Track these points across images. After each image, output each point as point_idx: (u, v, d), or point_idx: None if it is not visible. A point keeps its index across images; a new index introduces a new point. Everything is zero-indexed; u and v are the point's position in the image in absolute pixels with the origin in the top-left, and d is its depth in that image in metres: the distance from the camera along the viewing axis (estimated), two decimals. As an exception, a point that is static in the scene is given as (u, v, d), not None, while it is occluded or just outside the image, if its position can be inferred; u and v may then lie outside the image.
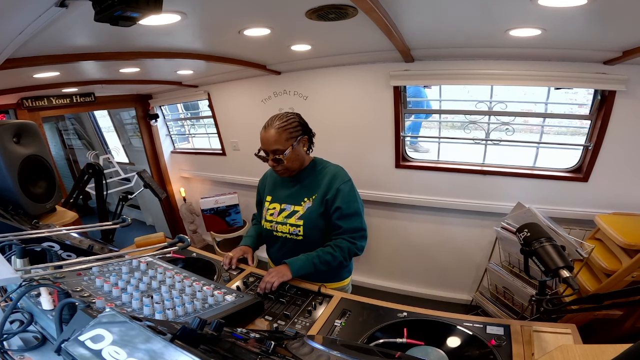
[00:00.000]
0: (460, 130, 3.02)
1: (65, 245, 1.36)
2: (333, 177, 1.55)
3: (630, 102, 2.23)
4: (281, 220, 1.60)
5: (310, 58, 2.81)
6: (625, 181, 2.42)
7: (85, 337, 0.53)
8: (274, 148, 1.48)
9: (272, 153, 1.50)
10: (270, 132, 1.48)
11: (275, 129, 1.48)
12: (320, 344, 0.85)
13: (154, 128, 4.66)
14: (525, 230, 1.05)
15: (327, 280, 1.58)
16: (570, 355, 0.75)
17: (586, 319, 2.12)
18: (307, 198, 1.57)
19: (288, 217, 1.58)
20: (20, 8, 1.29)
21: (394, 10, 1.68)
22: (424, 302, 3.28)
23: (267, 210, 1.66)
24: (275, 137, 1.47)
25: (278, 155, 1.49)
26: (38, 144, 1.92)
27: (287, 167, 1.53)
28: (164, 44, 2.15)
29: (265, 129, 1.50)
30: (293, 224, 1.57)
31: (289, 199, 1.60)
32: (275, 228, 1.62)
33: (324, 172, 1.59)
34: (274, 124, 1.49)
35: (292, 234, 1.58)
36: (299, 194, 1.59)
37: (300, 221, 1.55)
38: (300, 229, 1.55)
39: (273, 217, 1.62)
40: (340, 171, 1.60)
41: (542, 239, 1.02)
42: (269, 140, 1.49)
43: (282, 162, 1.50)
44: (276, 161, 1.51)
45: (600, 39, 1.94)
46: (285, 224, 1.59)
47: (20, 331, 0.83)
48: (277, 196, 1.65)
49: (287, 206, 1.60)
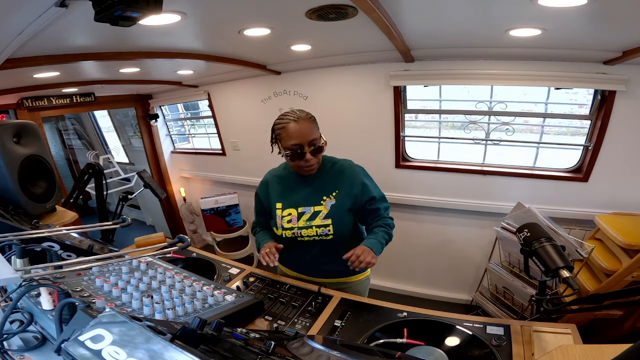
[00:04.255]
0: (460, 130, 3.01)
1: (65, 245, 1.36)
2: (352, 172, 1.53)
3: (630, 102, 2.23)
4: (304, 225, 1.52)
5: (310, 58, 2.81)
6: (625, 181, 2.42)
7: (85, 337, 0.53)
8: (312, 138, 1.41)
9: (310, 144, 1.42)
10: (304, 123, 1.41)
11: (307, 119, 1.42)
12: (320, 344, 0.85)
13: (154, 128, 4.66)
14: (526, 231, 1.05)
15: (355, 272, 1.61)
16: (570, 355, 0.75)
17: (586, 319, 2.12)
18: (327, 196, 1.51)
19: (310, 219, 1.51)
20: (20, 8, 1.29)
21: (394, 10, 1.68)
22: (424, 302, 3.28)
23: (281, 218, 1.55)
24: (311, 126, 1.42)
25: (316, 144, 1.43)
26: (38, 144, 1.92)
27: (319, 159, 1.48)
28: (164, 44, 2.15)
29: (297, 121, 1.40)
30: (320, 225, 1.50)
31: (306, 201, 1.53)
32: (299, 234, 1.53)
33: (336, 168, 1.55)
34: (302, 115, 1.42)
35: (321, 235, 1.51)
36: (316, 194, 1.53)
37: (328, 220, 1.50)
38: (330, 227, 1.50)
39: (293, 224, 1.53)
40: (352, 163, 1.59)
41: (542, 239, 1.02)
42: (304, 131, 1.40)
43: (322, 150, 1.46)
44: (315, 152, 1.43)
45: (600, 39, 1.94)
46: (310, 227, 1.51)
47: (20, 331, 0.83)
48: (290, 201, 1.56)
49: (306, 209, 1.52)
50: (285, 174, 1.62)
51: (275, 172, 1.66)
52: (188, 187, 4.87)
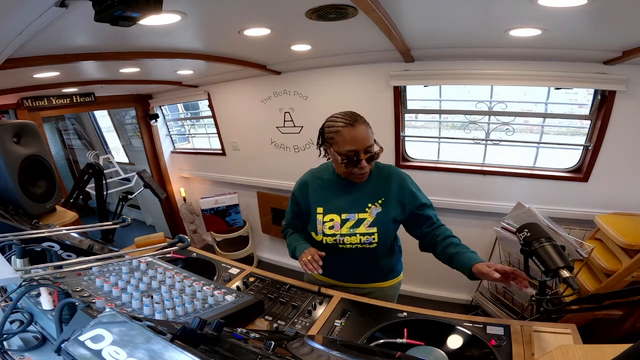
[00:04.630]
0: (460, 130, 3.01)
1: (65, 245, 1.36)
2: (400, 179, 1.45)
3: (630, 102, 2.23)
4: (347, 232, 1.44)
5: (310, 58, 2.81)
6: (625, 181, 2.42)
7: (85, 337, 0.53)
8: (369, 144, 1.32)
9: (366, 151, 1.33)
10: (362, 127, 1.31)
11: (365, 124, 1.33)
12: (320, 344, 0.85)
13: (154, 128, 4.66)
14: (525, 231, 1.05)
15: (388, 278, 1.61)
16: (570, 355, 0.75)
17: (586, 319, 2.12)
18: (373, 203, 1.43)
19: (354, 226, 1.44)
20: (20, 8, 1.29)
21: (394, 10, 1.68)
22: (424, 302, 3.28)
23: (323, 224, 1.47)
24: (368, 131, 1.32)
25: (372, 151, 1.34)
26: (38, 144, 1.92)
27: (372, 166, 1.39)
28: (164, 44, 2.15)
29: (353, 125, 1.30)
30: (364, 233, 1.43)
31: (350, 208, 1.45)
32: (341, 241, 1.45)
33: (383, 174, 1.47)
34: (358, 119, 1.33)
35: (365, 243, 1.44)
36: (360, 201, 1.44)
37: (373, 228, 1.42)
38: (375, 236, 1.43)
39: (335, 230, 1.45)
40: (398, 170, 1.51)
41: (542, 239, 1.02)
42: (362, 136, 1.31)
43: (377, 157, 1.37)
44: (371, 159, 1.35)
45: (600, 39, 1.94)
46: (354, 235, 1.44)
47: (20, 331, 0.83)
48: (332, 206, 1.47)
49: (350, 216, 1.44)
50: (327, 176, 1.51)
51: (317, 174, 1.55)
52: (188, 187, 4.87)
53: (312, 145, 3.38)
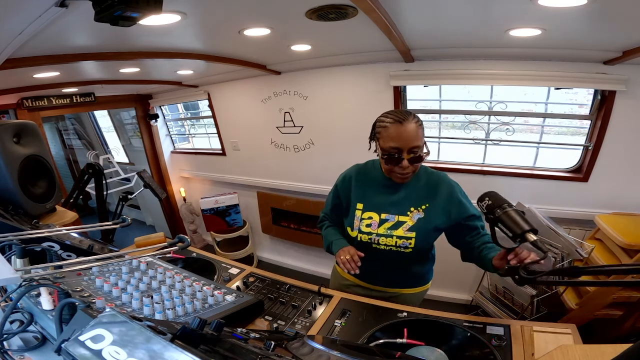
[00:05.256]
0: (460, 130, 3.01)
1: (65, 245, 1.36)
2: (449, 187, 1.40)
3: (630, 102, 2.23)
4: (384, 233, 1.40)
5: (310, 58, 2.81)
6: (625, 181, 2.42)
7: (85, 337, 0.53)
8: (414, 144, 1.27)
9: (410, 151, 1.28)
10: (410, 126, 1.26)
11: (415, 123, 1.27)
12: (320, 344, 0.85)
13: (154, 128, 4.66)
14: (487, 199, 1.03)
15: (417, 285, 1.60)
16: (570, 355, 0.75)
17: (586, 319, 2.12)
18: (416, 208, 1.39)
19: (392, 228, 1.40)
20: (20, 8, 1.29)
21: (394, 10, 1.68)
22: (424, 302, 3.26)
23: (360, 220, 1.44)
24: (416, 132, 1.27)
25: (417, 153, 1.29)
26: (38, 144, 1.92)
27: (417, 168, 1.34)
28: (164, 44, 2.15)
29: (402, 123, 1.26)
30: (402, 237, 1.39)
31: (392, 208, 1.41)
32: (376, 241, 1.42)
33: (432, 179, 1.42)
34: (409, 117, 1.28)
35: (400, 247, 1.40)
36: (403, 203, 1.40)
37: (412, 233, 1.38)
38: (412, 241, 1.38)
39: (372, 229, 1.42)
40: (449, 178, 1.45)
41: (504, 205, 1.00)
42: (409, 135, 1.26)
43: (422, 160, 1.31)
44: (414, 160, 1.30)
45: (600, 39, 1.94)
46: (390, 237, 1.40)
47: (20, 331, 0.83)
48: (372, 204, 1.43)
49: (389, 216, 1.40)
50: (373, 173, 1.47)
51: (363, 169, 1.51)
52: (188, 187, 4.87)
53: (312, 145, 3.39)
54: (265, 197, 3.94)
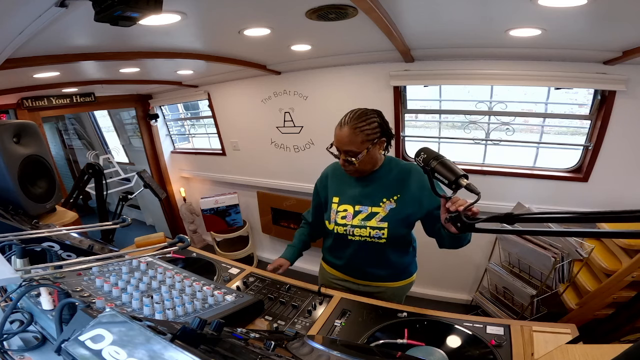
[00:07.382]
0: (460, 130, 3.01)
1: (65, 245, 1.36)
2: (420, 176, 1.43)
3: (630, 102, 2.23)
4: (358, 224, 1.47)
5: (310, 58, 2.81)
6: (625, 181, 2.42)
7: (85, 337, 0.53)
8: (347, 149, 1.37)
9: (345, 153, 1.39)
10: (344, 131, 1.35)
11: (351, 128, 1.35)
12: (320, 344, 0.85)
13: (154, 128, 4.66)
14: (422, 153, 1.13)
15: (400, 278, 1.63)
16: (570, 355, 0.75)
17: (586, 319, 2.12)
18: (387, 199, 1.45)
19: (366, 219, 1.46)
20: (20, 8, 1.29)
21: (394, 10, 1.68)
22: (424, 302, 3.28)
23: (336, 213, 1.51)
24: (350, 138, 1.35)
25: (350, 156, 1.38)
26: (38, 144, 1.92)
27: (358, 169, 1.42)
28: (164, 44, 2.16)
29: (341, 126, 1.37)
30: (375, 227, 1.44)
31: (364, 200, 1.48)
32: (351, 232, 1.48)
33: (402, 170, 1.47)
34: (350, 122, 1.36)
35: (374, 237, 1.46)
36: (376, 194, 1.47)
37: (384, 223, 1.44)
38: (385, 231, 1.44)
39: (347, 221, 1.49)
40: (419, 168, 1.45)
41: (437, 156, 1.11)
42: (342, 139, 1.37)
43: (354, 164, 1.39)
44: (347, 162, 1.40)
45: (600, 39, 1.94)
46: (364, 227, 1.46)
47: (20, 331, 0.83)
48: (347, 197, 1.51)
49: (363, 208, 1.47)
50: None
51: (338, 166, 1.56)
52: (188, 187, 4.87)
53: (312, 145, 3.39)
54: (265, 197, 3.95)
